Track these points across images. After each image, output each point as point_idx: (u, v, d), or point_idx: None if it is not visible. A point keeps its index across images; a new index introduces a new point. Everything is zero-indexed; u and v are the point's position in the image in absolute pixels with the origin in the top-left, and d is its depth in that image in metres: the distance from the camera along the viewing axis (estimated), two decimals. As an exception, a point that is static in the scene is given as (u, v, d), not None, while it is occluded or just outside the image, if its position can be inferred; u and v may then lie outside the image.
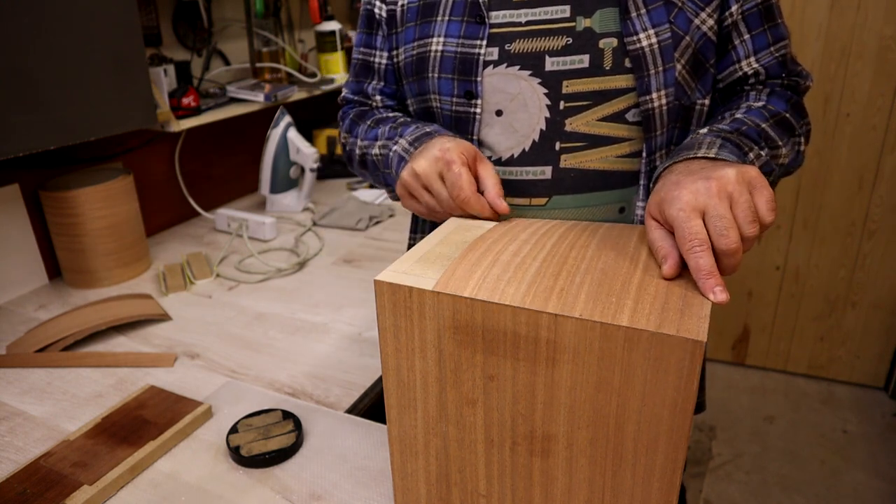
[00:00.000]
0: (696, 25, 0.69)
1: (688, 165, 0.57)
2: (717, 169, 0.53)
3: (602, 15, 0.69)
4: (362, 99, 0.88)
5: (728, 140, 0.62)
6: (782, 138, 0.69)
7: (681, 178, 0.54)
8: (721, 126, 0.66)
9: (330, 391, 0.89)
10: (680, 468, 0.46)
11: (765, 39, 0.73)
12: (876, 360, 2.18)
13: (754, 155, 0.64)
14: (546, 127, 0.72)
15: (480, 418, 0.52)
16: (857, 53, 1.91)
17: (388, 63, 0.84)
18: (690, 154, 0.59)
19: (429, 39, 0.76)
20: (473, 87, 0.73)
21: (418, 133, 0.73)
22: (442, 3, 0.76)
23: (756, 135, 0.66)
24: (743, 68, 0.73)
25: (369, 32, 0.85)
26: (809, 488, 1.80)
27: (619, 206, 0.74)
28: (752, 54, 0.73)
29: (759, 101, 0.72)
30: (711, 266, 0.48)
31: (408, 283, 0.50)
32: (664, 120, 0.70)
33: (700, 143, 0.61)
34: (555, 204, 0.74)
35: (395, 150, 0.75)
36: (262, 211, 1.64)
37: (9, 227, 1.20)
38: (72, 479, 0.70)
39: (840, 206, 2.07)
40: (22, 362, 0.98)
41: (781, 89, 0.74)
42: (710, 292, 0.47)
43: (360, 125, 0.85)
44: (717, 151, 0.59)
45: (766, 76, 0.74)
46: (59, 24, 1.01)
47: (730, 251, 0.49)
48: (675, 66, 0.68)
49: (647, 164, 0.72)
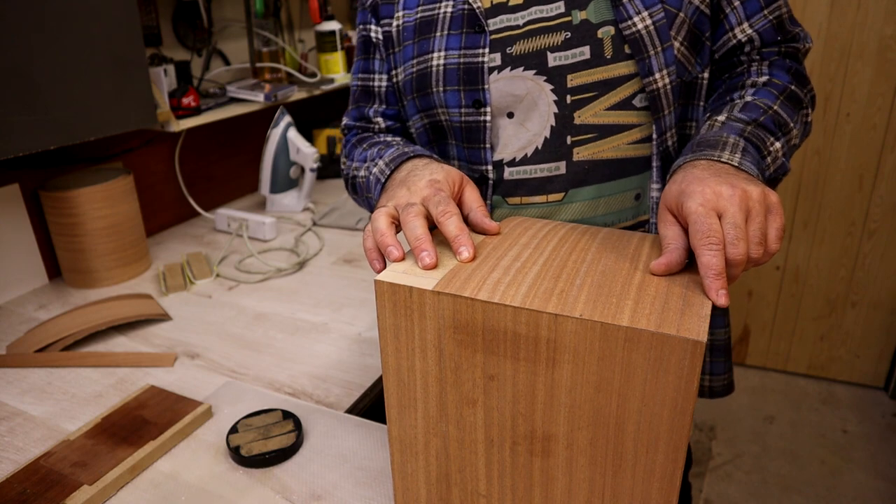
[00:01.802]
0: (688, 1, 0.70)
1: (712, 165, 0.57)
2: (741, 180, 0.53)
3: (596, 5, 0.70)
4: (364, 124, 0.88)
5: (749, 140, 0.62)
6: (792, 117, 0.69)
7: (705, 176, 0.54)
8: (737, 115, 0.66)
9: (330, 391, 0.89)
10: (680, 468, 0.46)
11: (756, 3, 0.72)
12: (876, 360, 2.18)
13: (773, 154, 0.64)
14: (556, 123, 0.72)
15: (480, 418, 0.52)
16: (857, 53, 1.91)
17: (388, 85, 0.84)
18: (714, 155, 0.59)
19: (429, 55, 0.76)
20: (481, 95, 0.73)
21: (396, 153, 0.72)
22: (439, 19, 0.76)
23: (772, 123, 0.66)
24: (737, 35, 0.73)
25: (366, 58, 0.85)
26: (809, 488, 1.80)
27: (635, 192, 0.75)
28: (744, 20, 0.72)
29: (763, 77, 0.72)
30: (722, 267, 0.47)
31: (408, 283, 0.50)
32: (670, 99, 0.71)
33: (724, 142, 0.61)
34: (571, 198, 0.74)
35: (373, 173, 0.74)
36: (262, 211, 1.64)
37: (9, 227, 1.20)
38: (72, 479, 0.70)
39: (840, 206, 2.07)
40: (22, 362, 0.98)
41: (780, 58, 0.74)
42: (714, 293, 0.46)
43: (357, 149, 0.84)
44: (740, 159, 0.58)
45: (762, 42, 0.73)
46: (59, 25, 1.01)
47: (736, 262, 0.49)
48: (672, 45, 0.69)
49: (658, 145, 0.72)
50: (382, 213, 0.60)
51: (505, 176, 0.76)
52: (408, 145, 0.76)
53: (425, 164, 0.67)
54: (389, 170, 0.70)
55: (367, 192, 0.77)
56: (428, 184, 0.62)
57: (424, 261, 0.53)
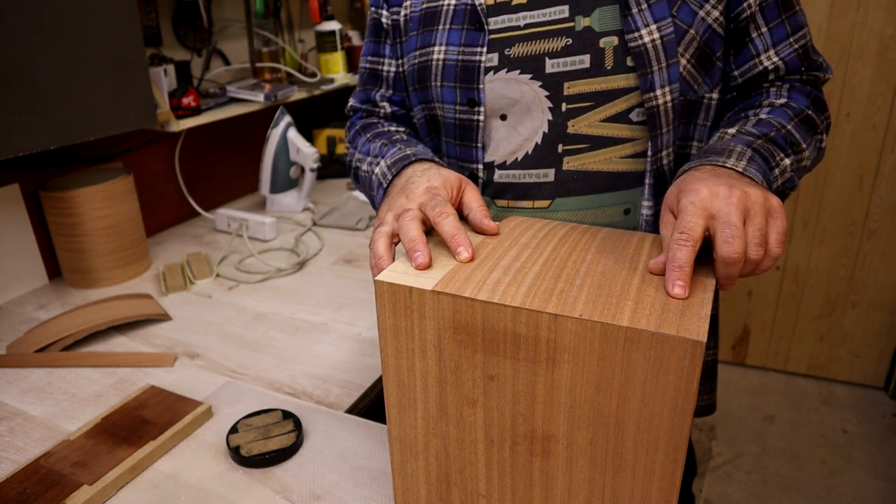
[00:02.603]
0: (701, 18, 0.68)
1: (715, 170, 0.57)
2: (743, 183, 0.53)
3: (601, 13, 0.68)
4: (370, 108, 0.88)
5: (757, 151, 0.61)
6: (805, 139, 0.68)
7: (706, 177, 0.54)
8: (749, 129, 0.65)
9: (330, 391, 0.89)
10: (680, 468, 0.46)
11: (783, 31, 0.71)
12: (876, 360, 2.18)
13: (781, 167, 0.63)
14: (548, 129, 0.71)
15: (480, 418, 0.52)
16: (857, 53, 1.91)
17: (396, 71, 0.84)
18: (719, 161, 0.58)
19: (430, 48, 0.76)
20: (475, 94, 0.73)
21: (398, 156, 0.72)
22: (442, 12, 0.75)
23: (783, 140, 0.65)
24: (763, 63, 0.72)
25: (377, 41, 0.85)
26: (809, 488, 1.80)
27: (624, 207, 0.73)
28: (770, 47, 0.71)
29: (781, 99, 0.71)
30: (685, 261, 0.48)
31: (408, 283, 0.50)
32: (669, 117, 0.69)
33: (731, 150, 0.60)
34: (558, 206, 0.74)
35: (376, 174, 0.74)
36: (262, 211, 1.64)
37: (9, 227, 1.20)
38: (72, 479, 0.70)
39: (840, 206, 2.07)
40: (22, 362, 0.98)
41: (801, 85, 0.73)
42: (670, 283, 0.47)
43: (362, 136, 0.84)
44: (745, 166, 0.58)
45: (787, 71, 0.72)
46: (59, 25, 1.01)
47: (730, 260, 0.49)
48: (678, 62, 0.67)
49: (652, 163, 0.70)
50: (381, 234, 0.61)
51: (495, 178, 0.76)
52: (409, 144, 0.75)
53: (424, 171, 0.67)
54: (392, 174, 0.71)
55: (371, 189, 0.77)
56: (425, 191, 0.63)
57: (417, 260, 0.54)
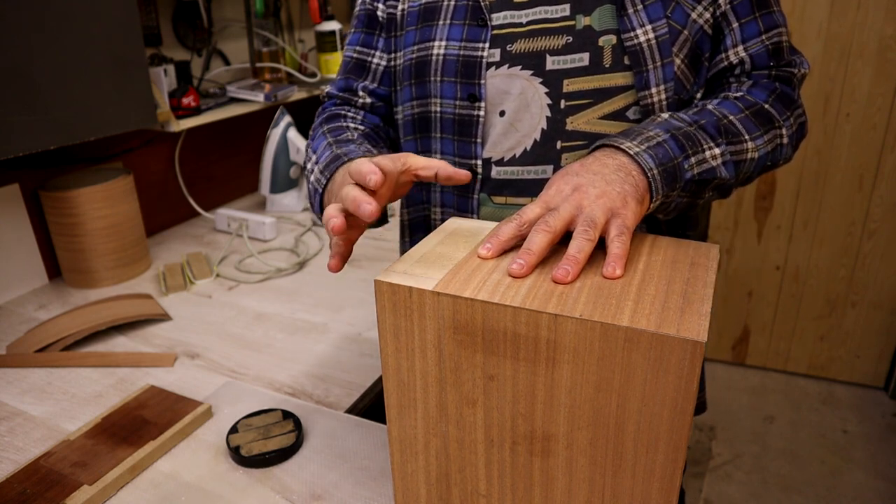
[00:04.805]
0: (693, 19, 0.69)
1: (604, 154, 0.59)
2: (599, 176, 0.56)
3: (601, 12, 0.69)
4: (347, 96, 0.86)
5: (675, 138, 0.61)
6: (752, 131, 0.68)
7: (568, 169, 0.58)
8: (682, 115, 0.66)
9: (330, 391, 0.89)
10: (680, 468, 0.46)
11: (755, 27, 0.71)
12: (876, 360, 2.18)
13: (706, 155, 0.63)
14: (547, 126, 0.72)
15: (480, 418, 0.52)
16: (857, 53, 1.91)
17: (386, 65, 0.83)
18: (618, 141, 0.60)
19: (430, 43, 0.76)
20: (477, 89, 0.73)
21: (330, 158, 0.69)
22: (443, 7, 0.75)
23: (714, 129, 0.65)
24: (729, 58, 0.72)
25: (369, 32, 0.84)
26: (809, 488, 1.80)
27: None
28: (739, 43, 0.72)
29: (738, 93, 0.71)
30: (508, 236, 0.54)
31: (408, 283, 0.50)
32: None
33: (639, 133, 0.61)
34: None
35: (311, 182, 0.72)
36: (262, 211, 1.64)
37: (9, 227, 1.20)
38: (72, 479, 0.70)
39: (840, 206, 2.07)
40: (22, 362, 0.98)
41: (768, 81, 0.73)
42: (482, 246, 0.54)
43: (319, 130, 0.81)
44: (641, 150, 0.59)
45: (752, 66, 0.72)
46: (59, 25, 1.01)
47: (532, 251, 0.52)
48: (673, 61, 0.68)
49: None
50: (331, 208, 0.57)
51: (492, 174, 0.76)
52: (343, 144, 0.72)
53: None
54: (325, 178, 0.68)
55: (311, 198, 0.73)
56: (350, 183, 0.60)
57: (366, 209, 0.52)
